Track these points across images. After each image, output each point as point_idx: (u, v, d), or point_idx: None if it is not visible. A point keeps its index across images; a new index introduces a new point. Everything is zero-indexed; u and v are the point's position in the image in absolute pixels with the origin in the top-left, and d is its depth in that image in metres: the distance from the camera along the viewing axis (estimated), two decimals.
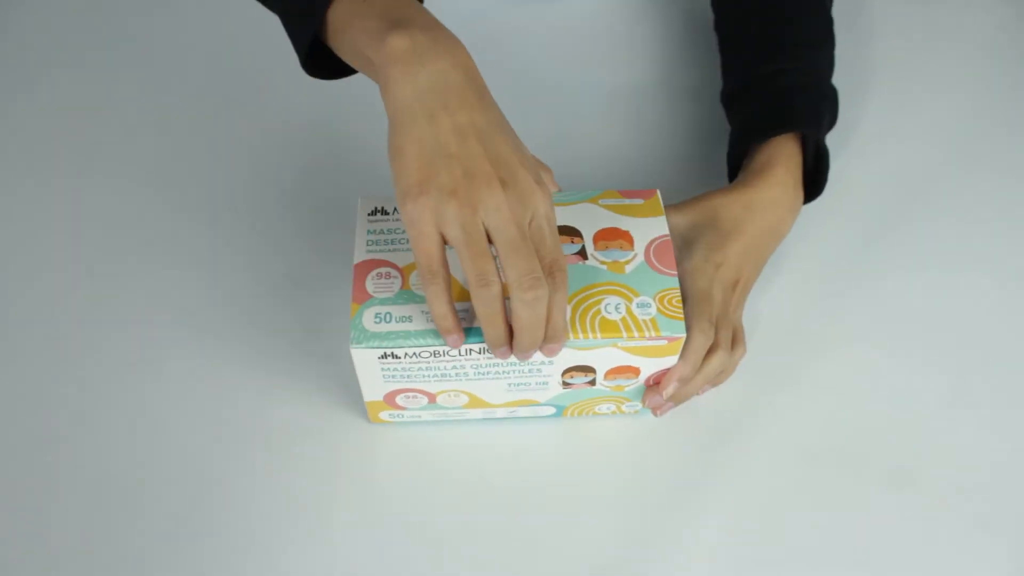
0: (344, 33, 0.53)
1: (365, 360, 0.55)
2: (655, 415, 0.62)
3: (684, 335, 0.55)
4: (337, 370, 0.65)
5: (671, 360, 0.58)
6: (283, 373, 0.65)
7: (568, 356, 0.56)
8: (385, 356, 0.54)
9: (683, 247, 0.64)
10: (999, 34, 0.89)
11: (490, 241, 0.49)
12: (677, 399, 0.61)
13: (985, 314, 0.70)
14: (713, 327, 0.60)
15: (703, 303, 0.61)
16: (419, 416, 0.62)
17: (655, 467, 0.62)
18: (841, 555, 0.59)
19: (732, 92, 0.74)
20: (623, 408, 0.63)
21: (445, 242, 0.50)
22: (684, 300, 0.60)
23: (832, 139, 0.74)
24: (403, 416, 0.62)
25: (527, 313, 0.50)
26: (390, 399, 0.59)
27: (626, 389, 0.60)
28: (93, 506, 0.59)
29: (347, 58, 0.54)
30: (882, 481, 0.62)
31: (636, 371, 0.58)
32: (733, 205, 0.65)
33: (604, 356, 0.56)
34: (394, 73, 0.50)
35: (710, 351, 0.61)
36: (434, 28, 0.52)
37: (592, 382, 0.59)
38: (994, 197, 0.77)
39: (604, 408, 0.62)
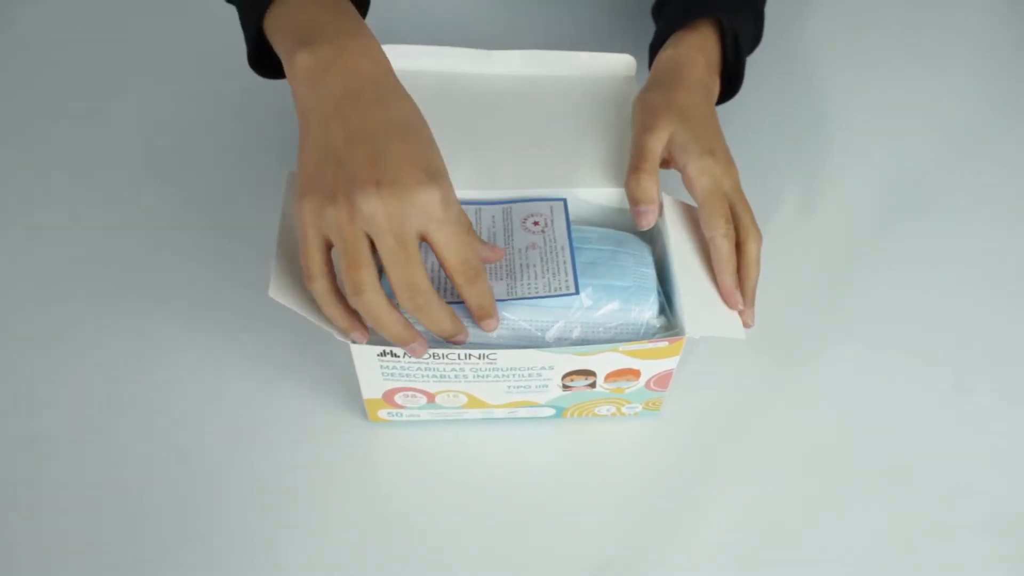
0: (273, 44, 0.55)
1: (364, 357, 0.55)
2: (749, 326, 0.59)
3: (684, 336, 0.55)
4: (337, 369, 0.65)
5: (672, 362, 0.58)
6: (283, 371, 0.65)
7: (569, 361, 0.56)
8: (384, 354, 0.54)
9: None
10: (1001, 32, 0.89)
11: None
12: (749, 300, 0.59)
13: (984, 313, 0.70)
14: (730, 222, 0.58)
15: (710, 203, 0.59)
16: (418, 415, 0.62)
17: (655, 467, 0.62)
18: (841, 555, 0.59)
19: (659, 2, 0.73)
20: (623, 410, 0.63)
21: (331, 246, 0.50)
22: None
23: (833, 137, 0.75)
24: (402, 415, 0.62)
25: (421, 317, 0.51)
26: (389, 397, 0.59)
27: (626, 391, 0.60)
28: (92, 506, 0.60)
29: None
30: (882, 481, 0.62)
31: (636, 373, 0.58)
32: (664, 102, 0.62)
33: (605, 360, 0.56)
34: (298, 91, 0.51)
35: (745, 240, 0.59)
36: (343, 36, 0.52)
37: (592, 385, 0.59)
38: (994, 196, 0.77)
39: (604, 410, 0.62)
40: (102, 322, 0.68)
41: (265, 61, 0.60)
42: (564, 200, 0.61)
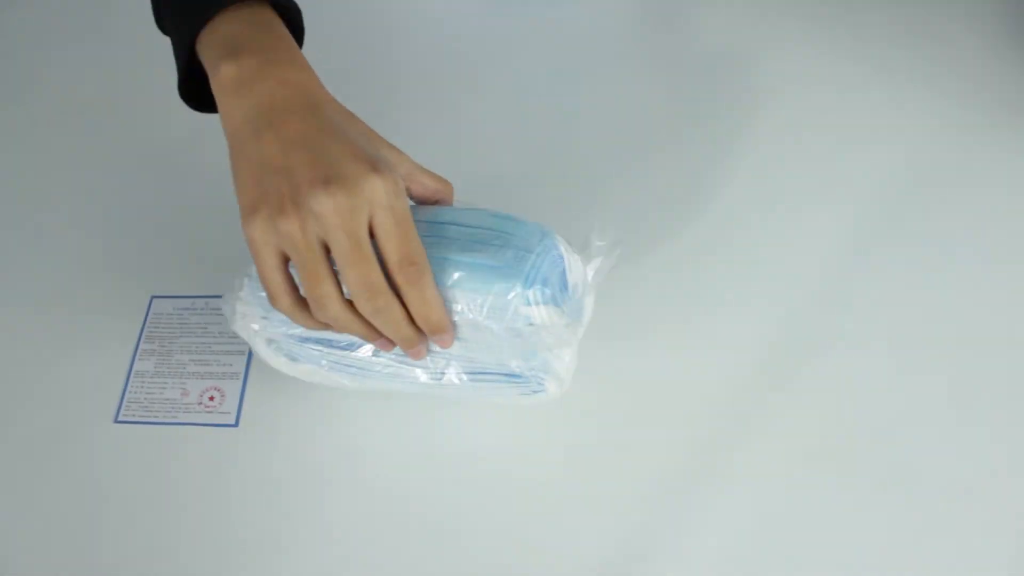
0: (204, 66, 0.53)
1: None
2: None
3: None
4: None
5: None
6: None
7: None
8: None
9: None
10: (1000, 32, 0.87)
11: None
12: None
13: (985, 313, 0.69)
14: None
15: None
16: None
17: (655, 468, 0.62)
18: (841, 555, 0.58)
19: None
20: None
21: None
22: None
23: (832, 136, 0.76)
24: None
25: (380, 321, 0.48)
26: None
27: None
28: (86, 507, 0.60)
29: None
30: (882, 481, 0.61)
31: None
32: None
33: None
34: (225, 102, 0.50)
35: None
36: (268, 50, 0.51)
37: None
38: (993, 196, 0.76)
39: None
40: (100, 320, 0.68)
41: (199, 92, 0.56)
42: None
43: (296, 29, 0.56)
